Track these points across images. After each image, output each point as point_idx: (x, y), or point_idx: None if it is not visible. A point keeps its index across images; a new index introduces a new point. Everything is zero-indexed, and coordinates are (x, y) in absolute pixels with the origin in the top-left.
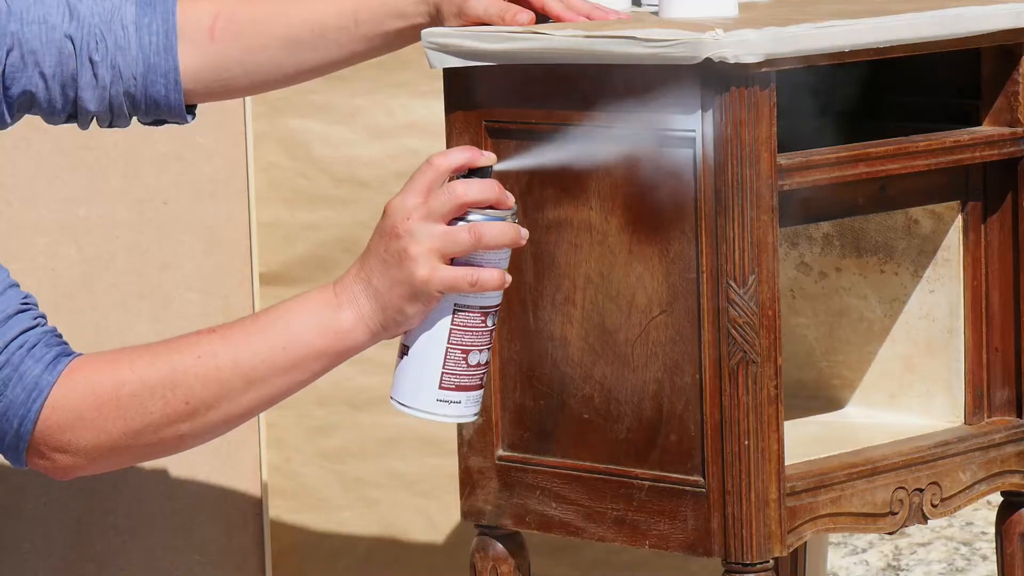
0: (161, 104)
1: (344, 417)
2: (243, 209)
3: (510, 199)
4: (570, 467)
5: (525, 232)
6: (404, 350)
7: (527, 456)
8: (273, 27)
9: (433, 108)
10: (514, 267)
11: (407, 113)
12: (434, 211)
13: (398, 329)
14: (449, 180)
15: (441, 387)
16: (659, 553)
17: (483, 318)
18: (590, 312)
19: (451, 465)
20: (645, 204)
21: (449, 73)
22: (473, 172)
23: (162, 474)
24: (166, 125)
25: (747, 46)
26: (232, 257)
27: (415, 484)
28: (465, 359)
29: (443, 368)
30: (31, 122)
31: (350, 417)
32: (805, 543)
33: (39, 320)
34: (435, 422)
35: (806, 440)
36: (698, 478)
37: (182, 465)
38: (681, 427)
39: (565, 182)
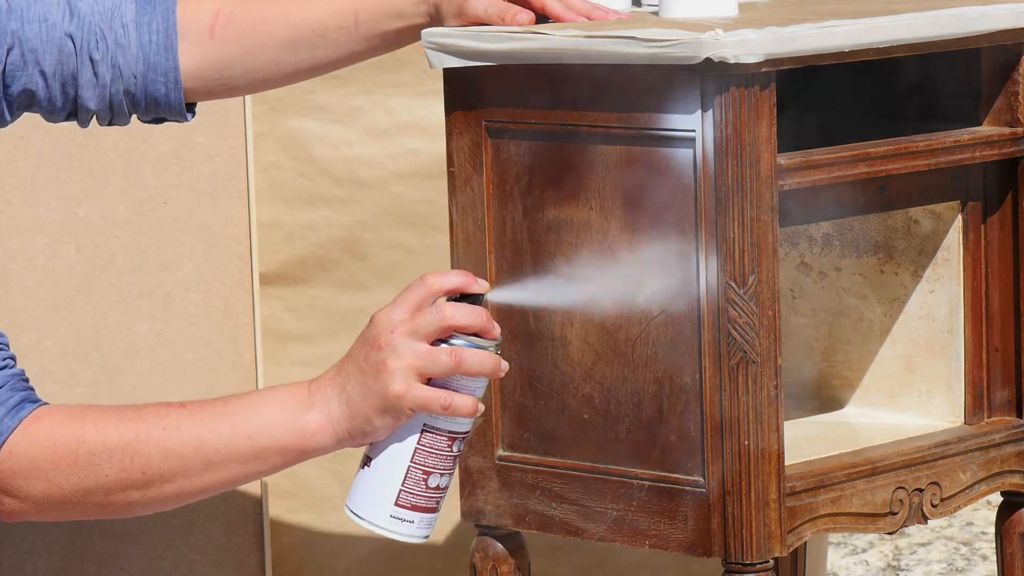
0: (161, 103)
1: None
2: (243, 209)
3: (496, 330)
4: (570, 467)
5: (505, 365)
6: (366, 461)
7: (527, 456)
8: (273, 27)
9: (433, 108)
10: (514, 267)
11: (407, 113)
12: (419, 329)
13: (364, 439)
14: (440, 301)
15: (397, 504)
16: (659, 553)
17: (450, 443)
18: (590, 312)
19: None
20: (645, 204)
21: (449, 73)
22: (465, 297)
23: None
24: (165, 123)
25: (747, 46)
26: (232, 257)
27: None
28: (425, 480)
29: (402, 486)
30: (31, 122)
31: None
32: (805, 543)
33: (7, 362)
34: (383, 536)
35: (806, 440)
36: (698, 478)
37: None
38: (681, 427)
39: (565, 182)
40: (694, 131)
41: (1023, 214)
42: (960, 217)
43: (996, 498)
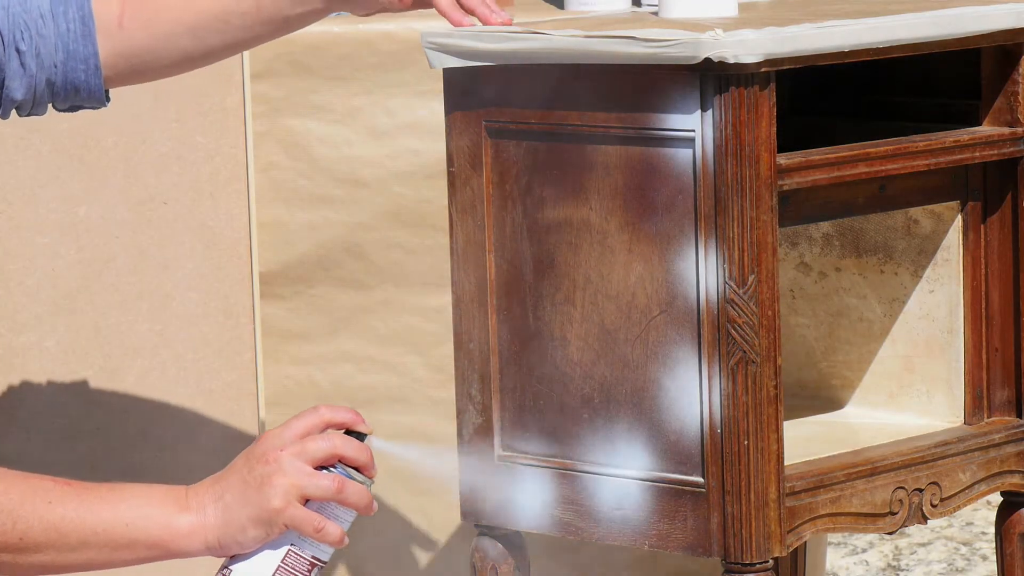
0: (81, 89)
1: None
2: (243, 209)
3: (374, 471)
4: (570, 467)
5: (376, 506)
6: (226, 572)
7: (527, 456)
8: (179, 14)
9: (433, 108)
10: (514, 267)
11: (407, 113)
12: (307, 451)
13: (232, 549)
14: (330, 430)
15: None
16: (659, 553)
17: (310, 568)
18: (590, 312)
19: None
20: (645, 204)
21: (449, 73)
22: (350, 433)
23: (162, 474)
24: (164, 123)
25: (746, 46)
26: (232, 257)
27: (415, 484)
28: None
29: None
30: (31, 122)
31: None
32: (805, 543)
33: None
34: None
35: (806, 440)
36: (698, 478)
37: (182, 465)
38: (681, 427)
39: (565, 182)
40: (694, 131)
41: (1023, 214)
42: (960, 217)
43: (996, 498)
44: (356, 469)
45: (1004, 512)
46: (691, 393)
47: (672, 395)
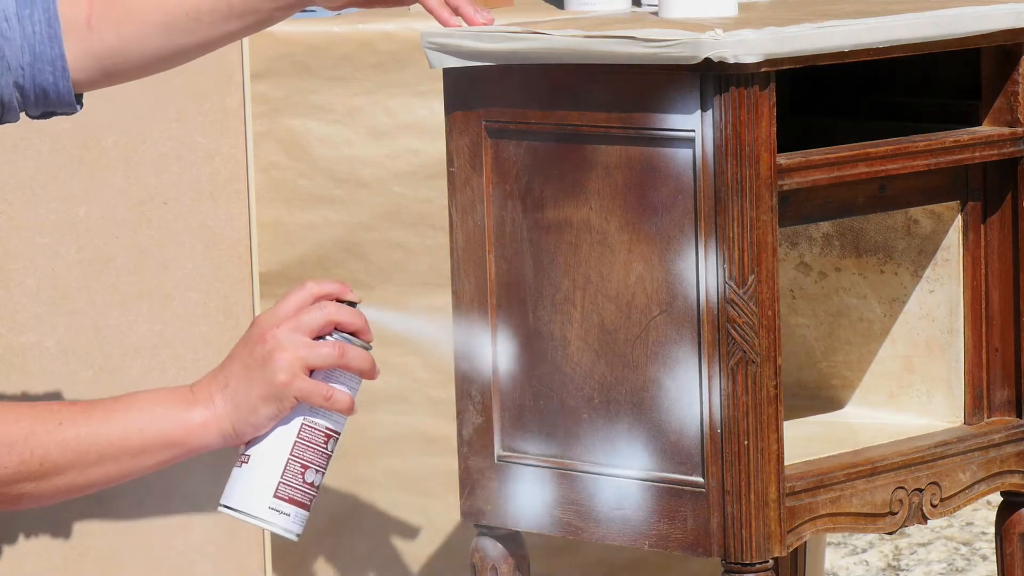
0: (50, 92)
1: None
2: (243, 209)
3: (371, 335)
4: (569, 467)
5: (379, 369)
6: (243, 459)
7: (527, 456)
8: (148, 14)
9: (433, 108)
10: (514, 267)
11: (407, 113)
12: (303, 324)
13: (247, 433)
14: (322, 301)
15: (276, 495)
16: (659, 553)
17: (326, 440)
18: (590, 312)
19: (451, 465)
20: (645, 204)
21: (449, 73)
22: (340, 303)
23: (162, 474)
24: (164, 123)
25: (746, 46)
26: (232, 257)
27: (415, 484)
28: (303, 474)
29: (281, 478)
30: (31, 122)
31: (350, 416)
32: (804, 543)
33: None
34: (260, 527)
35: (806, 440)
36: (698, 478)
37: (182, 465)
38: (681, 427)
39: (565, 182)
40: (694, 131)
41: (1023, 214)
42: (960, 217)
43: (996, 498)
44: (353, 335)
45: (1004, 512)
46: (691, 393)
47: (672, 395)
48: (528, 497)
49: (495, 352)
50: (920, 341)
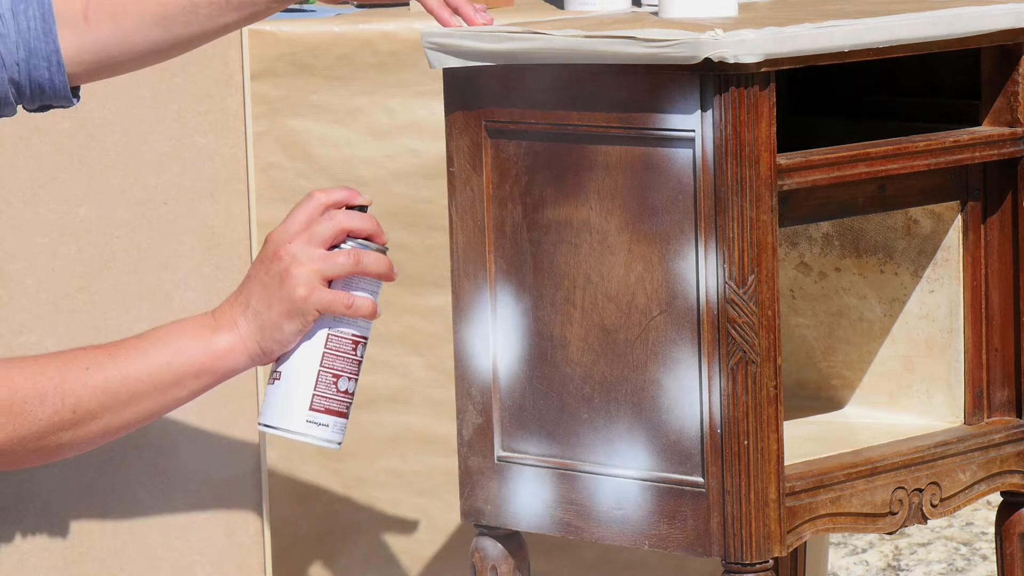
0: (46, 87)
1: None
2: (243, 209)
3: (384, 236)
4: (569, 467)
5: (396, 270)
6: (275, 376)
7: (527, 456)
8: (145, 6)
9: (433, 108)
10: (514, 267)
11: (407, 113)
12: (315, 236)
13: (275, 350)
14: (331, 210)
15: (312, 408)
16: (659, 553)
17: (354, 346)
18: (590, 312)
19: (451, 465)
20: (645, 204)
21: (449, 73)
22: (351, 208)
23: (162, 474)
24: (164, 123)
25: (746, 46)
26: (232, 257)
27: (415, 484)
28: (335, 383)
29: (314, 390)
30: (31, 122)
31: (350, 416)
32: (805, 543)
33: None
34: (301, 442)
35: (806, 440)
36: (698, 478)
37: (182, 465)
38: (681, 427)
39: (565, 182)
40: (694, 131)
41: (1023, 214)
42: (960, 217)
43: (996, 498)
44: (367, 239)
45: (1004, 512)
46: (691, 393)
47: (672, 395)
48: (528, 497)
49: (495, 352)
50: (920, 341)
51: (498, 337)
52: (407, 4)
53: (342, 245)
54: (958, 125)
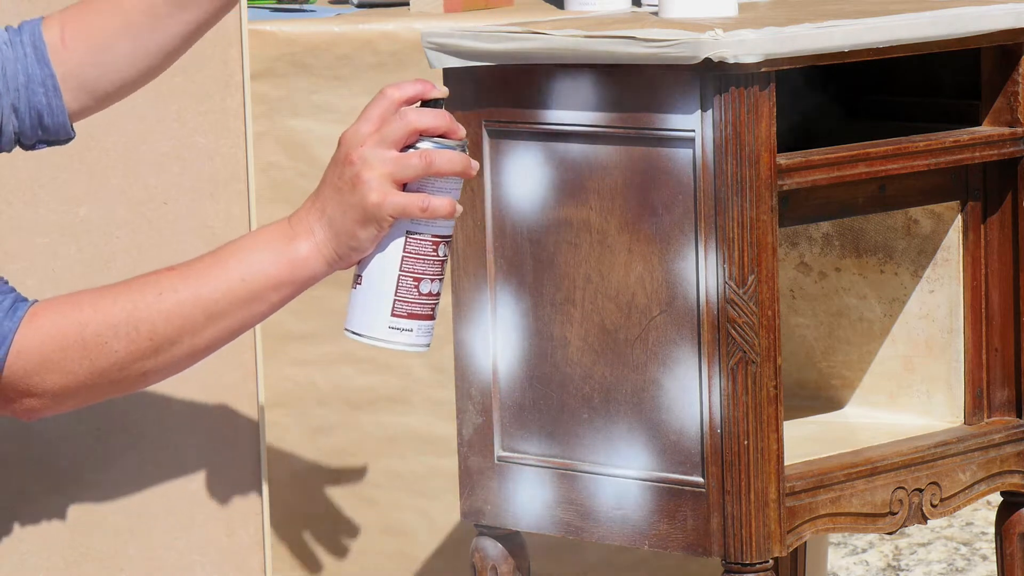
0: (44, 113)
1: (343, 417)
2: (243, 209)
3: (461, 130)
4: (569, 467)
5: (475, 164)
6: (357, 280)
7: (527, 456)
8: (107, 19)
9: None
10: (514, 267)
11: None
12: (386, 137)
13: (352, 256)
14: (403, 108)
15: (393, 314)
16: (659, 553)
17: (434, 247)
18: (590, 312)
19: (451, 465)
20: (645, 204)
21: (449, 73)
22: (426, 103)
23: (162, 473)
24: (164, 123)
25: (746, 46)
26: None
27: (415, 484)
28: (417, 287)
29: (395, 295)
30: None
31: (349, 417)
32: (805, 543)
33: None
34: (388, 349)
35: (806, 440)
36: (698, 478)
37: (182, 465)
38: (681, 427)
39: (565, 182)
40: (694, 131)
41: (1023, 214)
42: (960, 217)
43: (996, 498)
44: (442, 136)
45: (1004, 512)
46: (691, 393)
47: (672, 395)
48: (528, 497)
49: (495, 352)
50: (920, 341)
51: (498, 337)
52: (407, 4)
53: (416, 144)
54: (958, 125)
